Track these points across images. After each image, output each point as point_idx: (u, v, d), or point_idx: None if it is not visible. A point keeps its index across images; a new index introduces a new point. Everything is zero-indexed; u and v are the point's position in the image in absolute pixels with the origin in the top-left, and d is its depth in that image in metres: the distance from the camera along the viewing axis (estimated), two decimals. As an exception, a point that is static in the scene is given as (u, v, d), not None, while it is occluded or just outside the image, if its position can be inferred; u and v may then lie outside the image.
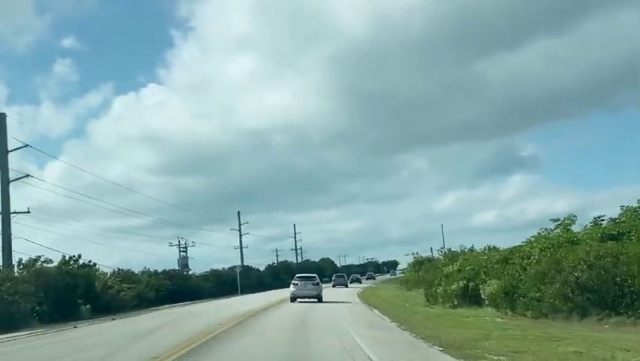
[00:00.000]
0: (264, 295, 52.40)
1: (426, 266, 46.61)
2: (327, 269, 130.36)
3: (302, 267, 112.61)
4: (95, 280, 36.04)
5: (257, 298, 47.21)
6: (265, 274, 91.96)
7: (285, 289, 66.25)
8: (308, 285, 37.01)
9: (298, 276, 39.86)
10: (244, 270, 77.10)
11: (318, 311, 26.30)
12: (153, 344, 14.91)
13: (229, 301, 47.12)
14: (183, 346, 14.00)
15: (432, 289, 29.07)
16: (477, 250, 33.41)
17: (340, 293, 51.00)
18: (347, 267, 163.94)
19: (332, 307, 27.98)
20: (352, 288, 67.73)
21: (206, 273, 66.53)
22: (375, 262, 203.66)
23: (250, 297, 51.94)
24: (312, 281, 37.66)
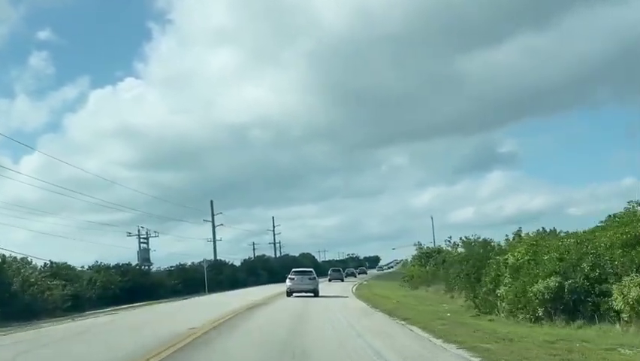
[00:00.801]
0: (233, 296, 42.90)
1: (435, 259, 38.61)
2: (307, 264, 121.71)
3: (281, 262, 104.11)
4: (12, 277, 27.19)
5: (221, 300, 37.33)
6: (240, 270, 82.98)
7: (263, 287, 58.83)
8: (304, 279, 36.72)
9: (294, 270, 39.69)
10: (215, 265, 68.15)
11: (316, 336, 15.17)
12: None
13: (184, 303, 37.93)
14: None
15: (481, 290, 20.24)
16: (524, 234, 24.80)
17: (336, 290, 42.97)
18: (328, 262, 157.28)
19: (338, 320, 19.22)
20: (348, 283, 62.15)
21: (170, 268, 57.49)
22: (356, 257, 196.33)
23: (214, 299, 42.08)
24: (308, 276, 37.42)
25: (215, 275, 65.48)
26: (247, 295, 40.83)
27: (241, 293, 44.93)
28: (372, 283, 58.54)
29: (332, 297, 33.76)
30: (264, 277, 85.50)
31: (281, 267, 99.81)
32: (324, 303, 27.73)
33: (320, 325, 17.57)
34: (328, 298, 32.58)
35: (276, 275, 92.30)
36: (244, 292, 46.57)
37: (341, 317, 20.20)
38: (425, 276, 38.24)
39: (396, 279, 59.38)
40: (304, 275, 37.95)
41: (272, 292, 41.63)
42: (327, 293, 37.20)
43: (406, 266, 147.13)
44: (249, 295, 40.18)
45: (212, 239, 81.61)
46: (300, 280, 36.86)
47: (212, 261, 69.34)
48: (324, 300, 31.26)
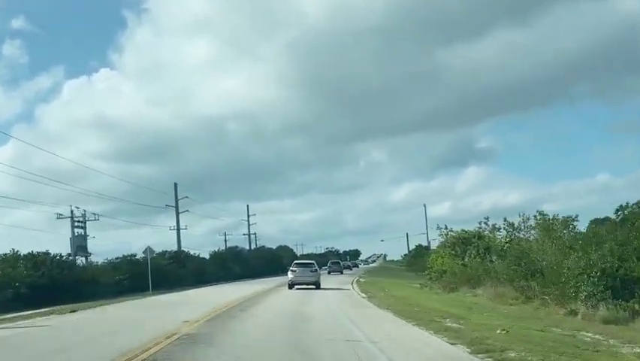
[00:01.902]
0: (175, 305, 26.04)
1: (476, 247, 27.11)
2: (285, 257, 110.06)
3: (256, 255, 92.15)
4: None
5: (130, 317, 21.10)
6: (209, 263, 70.70)
7: (234, 285, 47.25)
8: (306, 272, 36.95)
9: (296, 263, 40.38)
10: (176, 256, 56.01)
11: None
12: None
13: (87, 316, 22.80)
14: None
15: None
16: None
17: (342, 293, 31.58)
18: (307, 256, 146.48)
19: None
20: (347, 276, 55.62)
21: (114, 260, 45.09)
22: (335, 251, 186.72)
23: (127, 312, 23.36)
24: (310, 268, 37.76)
25: (175, 269, 53.46)
26: (201, 298, 28.84)
27: (194, 296, 32.64)
28: (376, 280, 46.51)
29: (348, 308, 21.86)
30: (236, 272, 73.61)
31: (256, 260, 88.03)
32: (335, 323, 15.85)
33: None
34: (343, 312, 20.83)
35: (250, 269, 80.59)
36: (201, 294, 34.37)
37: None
38: (467, 272, 26.56)
39: (399, 275, 48.22)
40: (306, 267, 37.86)
41: (241, 293, 29.90)
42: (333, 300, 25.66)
43: (401, 261, 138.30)
44: (215, 297, 28.26)
45: (175, 227, 69.65)
46: (302, 272, 36.81)
47: (172, 252, 57.16)
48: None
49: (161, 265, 49.74)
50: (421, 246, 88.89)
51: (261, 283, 42.89)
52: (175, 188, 70.61)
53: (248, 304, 22.93)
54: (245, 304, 22.50)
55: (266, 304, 23.10)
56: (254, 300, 25.28)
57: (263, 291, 33.02)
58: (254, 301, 24.82)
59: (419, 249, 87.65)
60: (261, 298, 26.91)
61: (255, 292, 31.86)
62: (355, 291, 31.38)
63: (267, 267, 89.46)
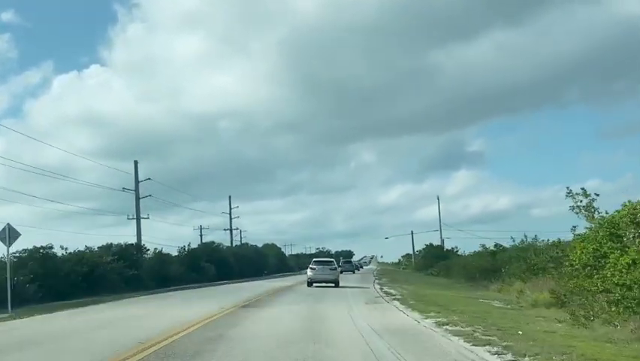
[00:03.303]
0: None
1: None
2: (271, 256, 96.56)
3: (237, 253, 78.38)
4: None
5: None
6: (178, 262, 56.76)
7: (187, 297, 29.28)
8: (325, 270, 36.39)
9: (315, 260, 40.10)
10: (123, 253, 42.11)
11: None
12: None
13: None
14: None
15: None
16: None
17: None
18: (295, 256, 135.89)
19: None
20: (364, 282, 44.11)
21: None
22: (327, 251, 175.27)
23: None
24: (329, 266, 37.35)
25: (123, 269, 39.74)
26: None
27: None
28: (417, 292, 31.56)
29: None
30: (211, 273, 59.98)
31: (237, 259, 74.26)
32: None
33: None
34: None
35: (229, 270, 66.91)
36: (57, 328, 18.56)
37: None
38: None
39: (428, 282, 35.03)
40: (325, 265, 37.40)
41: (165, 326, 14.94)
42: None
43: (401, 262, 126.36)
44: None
45: (135, 215, 55.87)
46: (322, 270, 36.34)
47: (122, 246, 43.21)
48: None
49: (99, 264, 36.14)
50: (431, 245, 75.90)
51: (231, 294, 28.84)
52: (135, 166, 56.88)
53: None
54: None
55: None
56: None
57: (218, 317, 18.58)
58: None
59: (430, 249, 74.64)
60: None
61: (209, 316, 17.81)
62: (438, 330, 16.79)
63: (249, 267, 75.83)
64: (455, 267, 42.29)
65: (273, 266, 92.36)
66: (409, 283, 33.98)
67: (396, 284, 33.43)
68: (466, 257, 44.58)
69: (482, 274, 30.93)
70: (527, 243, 28.26)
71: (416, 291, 25.40)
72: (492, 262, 31.17)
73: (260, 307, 20.00)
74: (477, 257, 37.51)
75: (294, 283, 39.81)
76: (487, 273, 30.53)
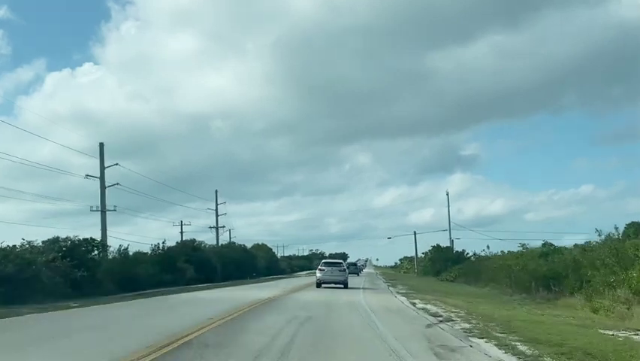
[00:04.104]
0: None
1: None
2: (260, 258, 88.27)
3: (223, 253, 70.10)
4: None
5: None
6: (151, 262, 48.42)
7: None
8: (334, 271, 36.89)
9: (324, 262, 40.38)
10: (72, 249, 33.84)
11: None
12: None
13: None
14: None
15: None
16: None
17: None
18: (287, 257, 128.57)
19: None
20: (369, 281, 43.80)
21: None
22: (321, 253, 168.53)
23: None
24: (338, 267, 37.83)
25: (70, 270, 31.56)
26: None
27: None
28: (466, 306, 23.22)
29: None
30: (189, 274, 51.81)
31: (221, 260, 66.04)
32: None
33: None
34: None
35: (210, 272, 58.69)
36: None
37: None
38: None
39: (453, 291, 26.85)
40: (334, 267, 37.78)
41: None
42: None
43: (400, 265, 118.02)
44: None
45: (99, 207, 47.83)
46: (331, 271, 36.66)
47: (74, 241, 34.84)
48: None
49: (32, 262, 27.96)
50: (439, 247, 67.99)
51: (192, 307, 20.27)
52: (100, 150, 48.83)
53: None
54: None
55: None
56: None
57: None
58: None
59: (438, 251, 66.70)
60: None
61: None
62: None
63: (236, 269, 67.66)
64: (482, 271, 34.24)
65: (262, 268, 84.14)
66: (438, 293, 25.40)
67: (422, 294, 24.60)
68: (492, 259, 36.66)
69: (540, 282, 22.97)
70: (615, 239, 20.33)
71: (471, 309, 17.03)
72: (552, 267, 23.20)
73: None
74: (513, 259, 29.64)
75: (280, 294, 28.34)
76: (544, 280, 22.70)
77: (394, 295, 26.97)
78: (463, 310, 16.77)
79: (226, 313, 16.60)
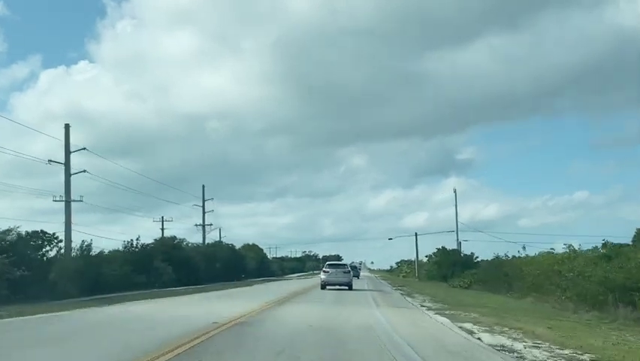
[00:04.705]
0: None
1: None
2: (250, 259, 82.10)
3: (208, 252, 63.94)
4: None
5: None
6: (122, 261, 42.25)
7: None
8: (339, 273, 36.59)
9: (329, 264, 40.35)
10: (18, 243, 27.74)
11: None
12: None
13: None
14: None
15: None
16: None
17: None
18: (280, 259, 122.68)
19: None
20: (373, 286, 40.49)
21: None
22: (314, 255, 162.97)
23: None
24: (342, 269, 37.69)
25: (9, 268, 25.44)
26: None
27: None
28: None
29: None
30: (167, 275, 45.77)
31: (206, 260, 59.98)
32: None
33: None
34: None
35: (192, 273, 52.57)
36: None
37: None
38: None
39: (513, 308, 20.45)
40: (339, 268, 37.75)
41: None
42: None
43: (401, 268, 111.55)
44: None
45: (62, 198, 41.85)
46: (335, 273, 36.41)
47: (11, 234, 28.60)
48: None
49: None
50: (445, 250, 62.08)
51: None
52: (66, 131, 42.76)
53: None
54: None
55: None
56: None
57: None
58: None
59: (445, 254, 60.76)
60: None
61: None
62: None
63: (222, 270, 61.59)
64: (516, 277, 28.02)
65: (251, 270, 78.08)
66: (478, 309, 18.43)
67: (460, 310, 17.22)
68: (524, 260, 30.58)
69: (618, 295, 16.97)
70: None
71: (569, 343, 10.77)
72: (633, 274, 17.26)
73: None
74: (558, 263, 23.66)
75: (258, 309, 19.07)
76: (623, 292, 16.85)
77: (423, 311, 19.03)
78: (565, 347, 10.47)
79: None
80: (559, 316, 16.90)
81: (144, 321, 15.29)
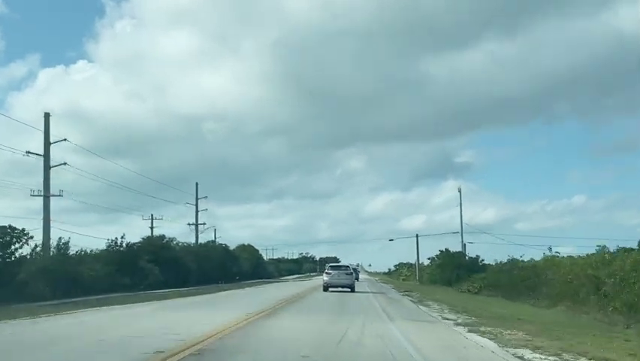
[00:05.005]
0: None
1: None
2: (244, 259, 79.04)
3: (199, 252, 60.91)
4: None
5: None
6: (105, 261, 39.18)
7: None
8: (342, 275, 36.60)
9: (331, 265, 40.65)
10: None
11: None
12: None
13: None
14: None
15: None
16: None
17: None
18: (277, 260, 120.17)
19: None
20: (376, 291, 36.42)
21: None
22: (311, 257, 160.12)
23: None
24: (345, 271, 37.68)
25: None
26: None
27: None
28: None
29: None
30: (154, 276, 42.78)
31: (197, 260, 56.89)
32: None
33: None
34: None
35: (182, 274, 49.49)
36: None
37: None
38: None
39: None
40: (341, 270, 37.81)
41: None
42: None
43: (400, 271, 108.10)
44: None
45: (41, 192, 38.98)
46: (338, 275, 36.41)
47: None
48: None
49: None
50: (448, 252, 59.12)
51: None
52: (46, 120, 39.82)
53: None
54: None
55: None
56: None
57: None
58: None
59: (448, 257, 57.79)
60: None
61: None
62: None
63: (215, 270, 58.53)
64: (536, 283, 24.73)
65: (246, 271, 75.01)
66: (512, 323, 14.78)
67: (495, 326, 13.41)
68: (546, 263, 27.43)
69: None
70: None
71: None
72: None
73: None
74: (582, 264, 20.62)
75: (241, 322, 15.28)
76: None
77: (450, 327, 15.09)
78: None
79: None
80: (612, 332, 13.87)
81: (70, 342, 11.28)
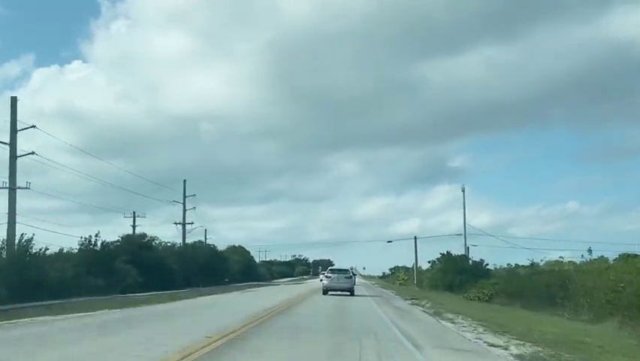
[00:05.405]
0: None
1: None
2: (234, 261, 75.23)
3: (186, 253, 57.10)
4: None
5: None
6: (77, 261, 35.33)
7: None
8: (341, 278, 36.46)
9: (331, 269, 40.06)
10: None
11: None
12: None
13: None
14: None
15: None
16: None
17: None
18: (269, 262, 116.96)
19: None
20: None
21: None
22: (304, 260, 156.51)
23: None
24: (345, 275, 37.40)
25: None
26: None
27: None
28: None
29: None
30: (131, 278, 39.06)
31: (182, 262, 53.07)
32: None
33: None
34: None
35: (164, 276, 45.75)
36: None
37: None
38: None
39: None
40: (340, 274, 37.32)
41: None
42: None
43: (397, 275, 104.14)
44: None
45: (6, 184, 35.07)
46: (337, 278, 36.28)
47: None
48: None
49: None
50: (450, 255, 55.55)
51: None
52: (12, 103, 36.12)
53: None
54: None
55: None
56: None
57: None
58: None
59: (450, 260, 54.23)
60: None
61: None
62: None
63: (202, 272, 54.73)
64: (571, 292, 20.74)
65: (236, 273, 71.29)
66: (567, 346, 11.77)
67: (557, 355, 11.09)
68: (581, 269, 23.75)
69: None
70: None
71: None
72: None
73: None
74: (630, 270, 17.15)
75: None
76: None
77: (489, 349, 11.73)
78: None
79: None
80: None
81: None
